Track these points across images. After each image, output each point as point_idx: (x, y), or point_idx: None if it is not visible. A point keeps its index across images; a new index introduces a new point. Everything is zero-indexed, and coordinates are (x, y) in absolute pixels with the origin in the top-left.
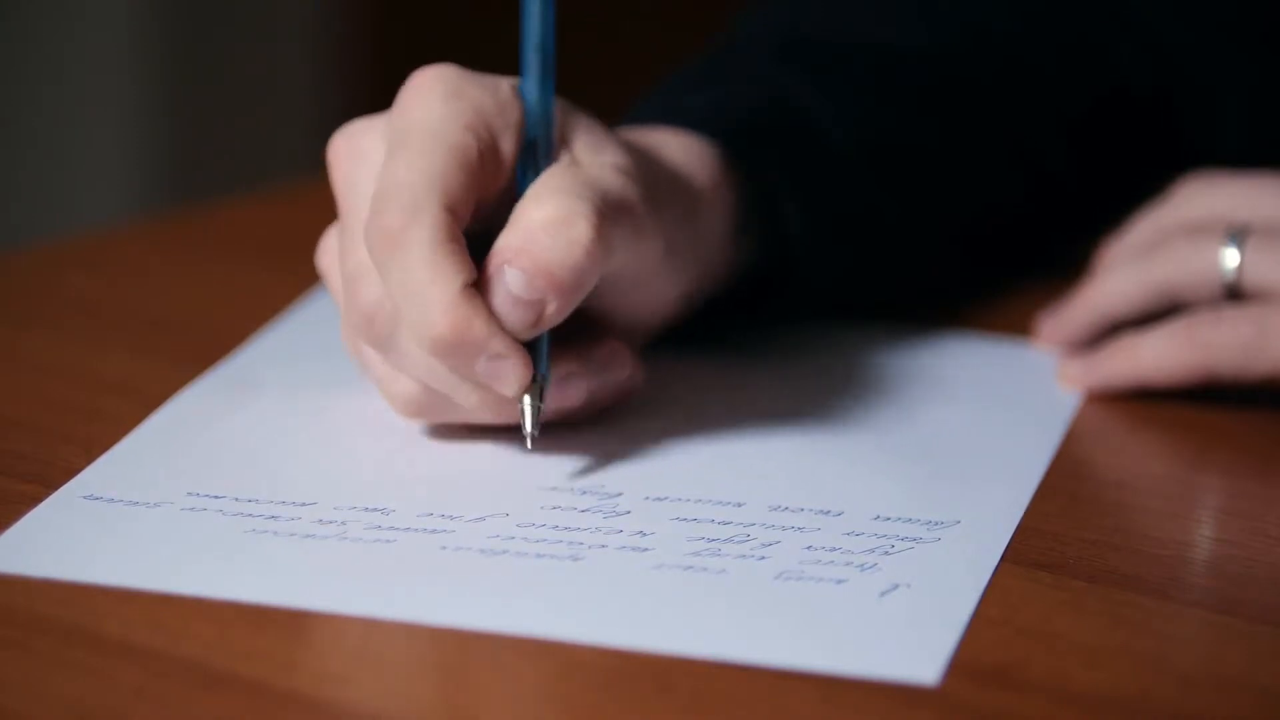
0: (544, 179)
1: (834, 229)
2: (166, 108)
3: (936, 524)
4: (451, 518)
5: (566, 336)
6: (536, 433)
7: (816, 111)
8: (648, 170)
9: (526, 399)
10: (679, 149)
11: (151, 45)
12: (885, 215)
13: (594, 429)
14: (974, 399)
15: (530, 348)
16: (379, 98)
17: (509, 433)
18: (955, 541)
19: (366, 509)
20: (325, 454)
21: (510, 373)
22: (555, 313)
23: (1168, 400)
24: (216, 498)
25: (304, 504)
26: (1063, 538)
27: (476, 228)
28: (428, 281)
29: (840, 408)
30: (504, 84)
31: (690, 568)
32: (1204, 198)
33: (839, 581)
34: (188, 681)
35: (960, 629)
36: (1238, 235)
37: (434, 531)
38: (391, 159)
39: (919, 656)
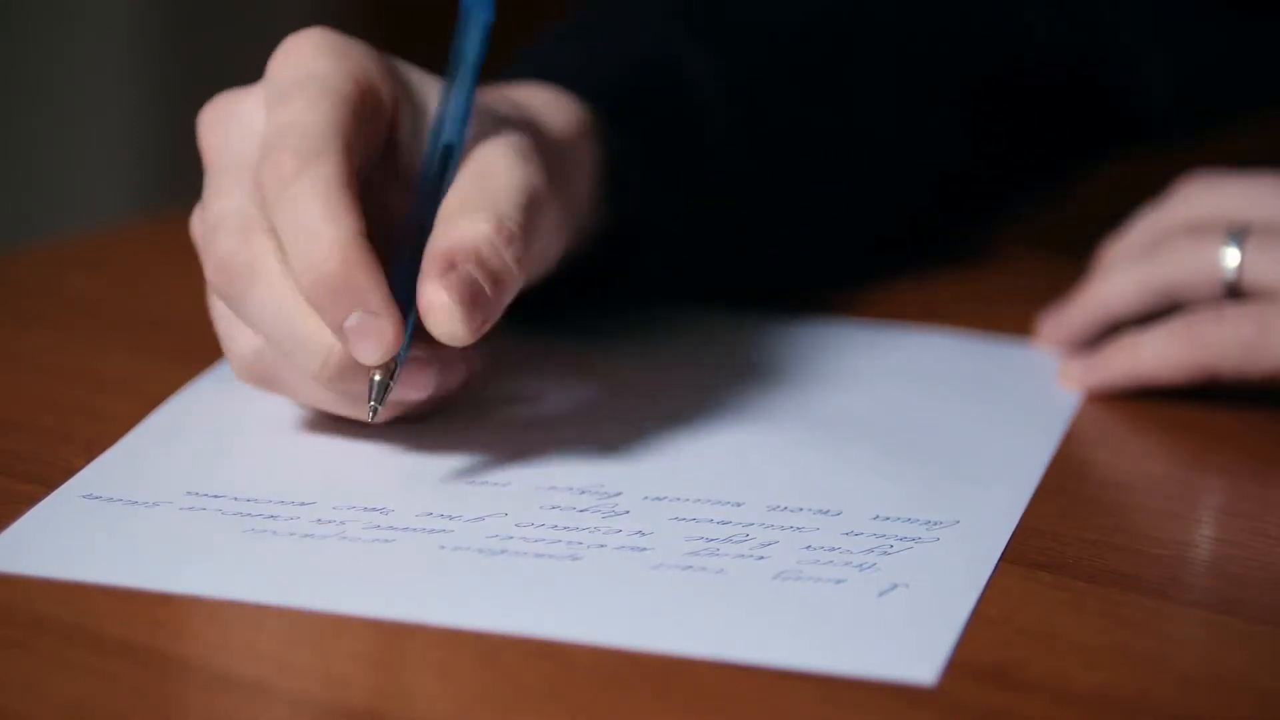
0: (465, 181)
1: (692, 204)
2: (166, 108)
3: (935, 524)
4: (450, 517)
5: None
6: (379, 407)
7: (699, 79)
8: (540, 145)
9: (377, 373)
10: (546, 105)
11: (151, 45)
12: (761, 191)
13: (593, 429)
14: (974, 399)
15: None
16: None
17: (508, 432)
18: (954, 541)
19: (366, 509)
20: (325, 453)
21: (378, 335)
22: (485, 322)
23: (1168, 400)
24: (216, 497)
25: (303, 504)
26: (1063, 538)
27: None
28: (322, 218)
29: (839, 407)
30: (387, 57)
31: (689, 567)
32: (1204, 197)
33: (838, 581)
34: (188, 681)
35: (959, 629)
36: (1238, 234)
37: (433, 531)
38: (283, 105)
39: (917, 656)
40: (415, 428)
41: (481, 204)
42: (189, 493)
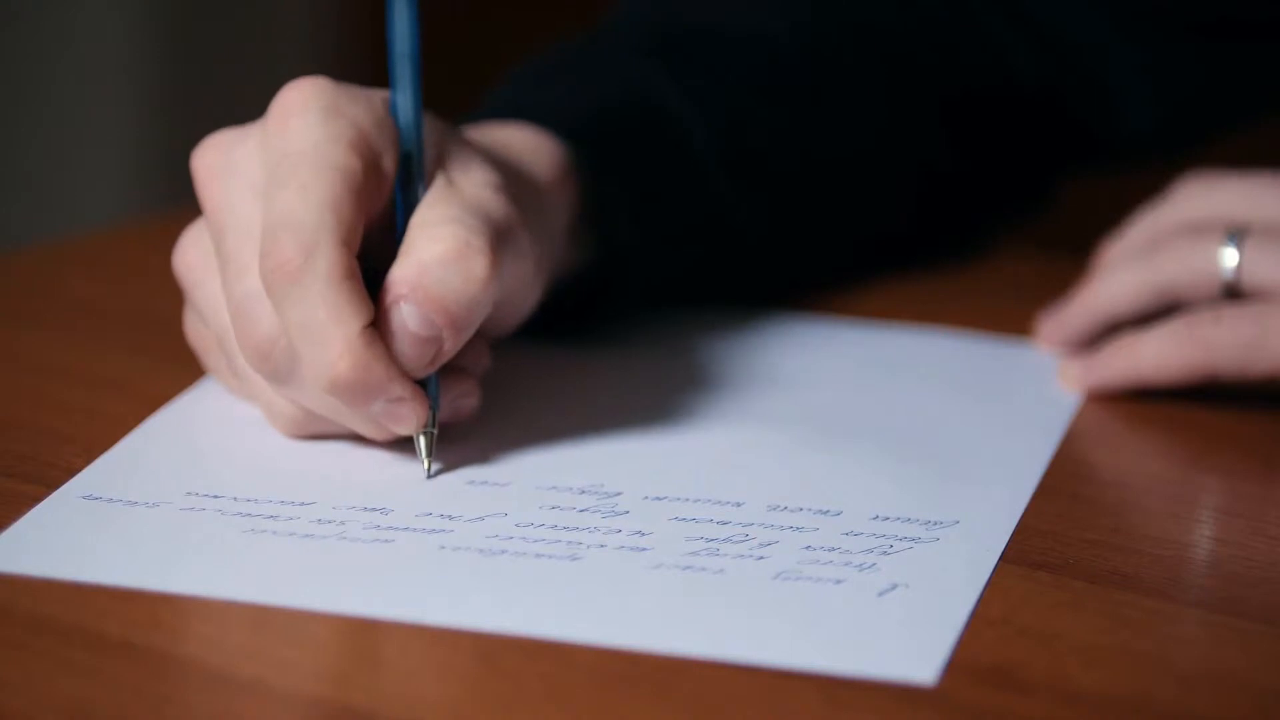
0: (430, 207)
1: (673, 235)
2: (166, 108)
3: (935, 524)
4: (450, 517)
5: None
6: (434, 468)
7: (677, 111)
8: (514, 184)
9: (422, 437)
10: (522, 144)
11: (151, 45)
12: (743, 219)
13: (594, 429)
14: (974, 399)
15: (422, 381)
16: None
17: (508, 432)
18: (954, 541)
19: (366, 509)
20: (325, 453)
21: (408, 415)
22: (451, 348)
23: (1168, 400)
24: (216, 497)
25: (303, 504)
26: (1063, 538)
27: (360, 247)
28: (327, 322)
29: (839, 407)
30: (377, 97)
31: (689, 567)
32: (1203, 197)
33: (837, 581)
34: (188, 681)
35: (958, 629)
36: (1237, 235)
37: (433, 531)
38: (280, 187)
39: (917, 656)
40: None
41: (443, 221)
42: (189, 493)
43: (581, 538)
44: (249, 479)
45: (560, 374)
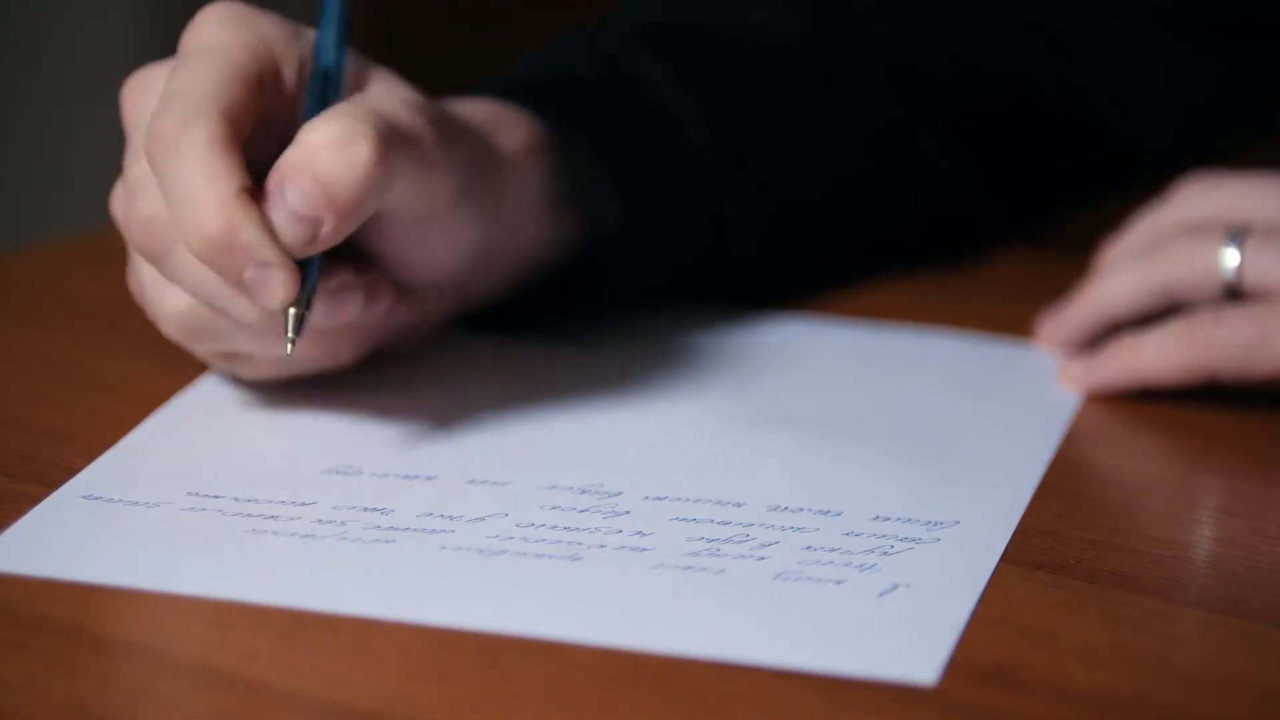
0: (331, 108)
1: (662, 220)
2: None
3: (936, 524)
4: (451, 518)
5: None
6: (297, 338)
7: (667, 97)
8: (441, 112)
9: (291, 309)
10: (488, 113)
11: (151, 45)
12: (735, 208)
13: (594, 429)
14: (974, 399)
15: (302, 263)
16: None
17: (508, 432)
18: (954, 542)
19: (366, 509)
20: (325, 454)
21: (276, 282)
22: (332, 231)
23: (1168, 400)
24: (216, 497)
25: (303, 504)
26: (1063, 538)
27: (262, 159)
28: (200, 181)
29: (839, 407)
30: (290, 22)
31: (689, 568)
32: (1204, 197)
33: (838, 582)
34: (188, 681)
35: (959, 629)
36: (1238, 235)
37: (434, 531)
38: (174, 74)
39: (917, 656)
40: (415, 428)
41: (337, 113)
42: (189, 493)
43: (582, 538)
44: (249, 479)
45: (560, 374)
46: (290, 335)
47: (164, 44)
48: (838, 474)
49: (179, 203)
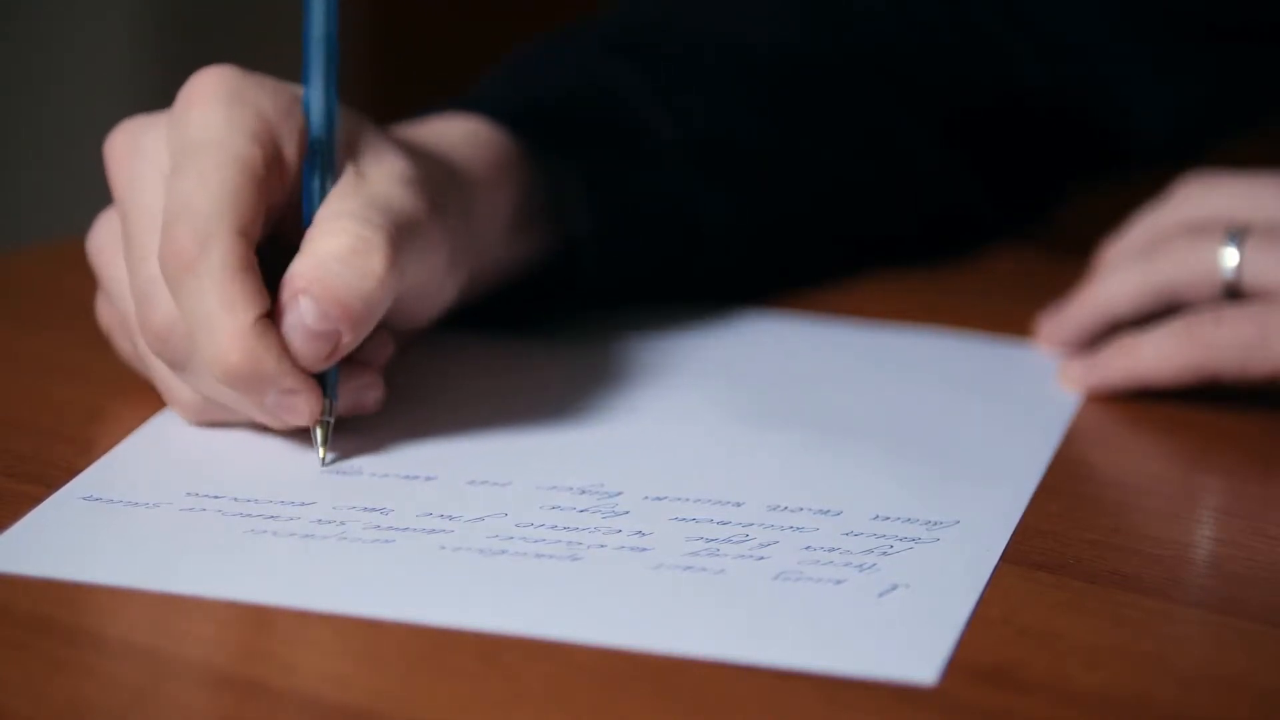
0: (334, 201)
1: (635, 227)
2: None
3: (935, 524)
4: (451, 518)
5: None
6: (329, 458)
7: (641, 105)
8: (429, 174)
9: (318, 427)
10: (459, 136)
11: (151, 45)
12: (711, 214)
13: (593, 429)
14: (974, 399)
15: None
16: (377, 98)
17: (508, 432)
18: (954, 542)
19: (366, 509)
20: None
21: (301, 407)
22: (350, 343)
23: (1168, 400)
24: (216, 498)
25: (303, 504)
26: (1063, 538)
27: (264, 234)
28: (220, 312)
29: (839, 407)
30: (285, 87)
31: (689, 568)
32: (1203, 197)
33: (838, 582)
34: (188, 681)
35: (959, 629)
36: (1237, 235)
37: (433, 531)
38: (179, 175)
39: (917, 656)
40: (415, 427)
41: (344, 216)
42: (189, 493)
43: (581, 538)
44: (249, 479)
45: (560, 375)
46: (321, 453)
47: (164, 44)
48: (837, 474)
49: (198, 328)
